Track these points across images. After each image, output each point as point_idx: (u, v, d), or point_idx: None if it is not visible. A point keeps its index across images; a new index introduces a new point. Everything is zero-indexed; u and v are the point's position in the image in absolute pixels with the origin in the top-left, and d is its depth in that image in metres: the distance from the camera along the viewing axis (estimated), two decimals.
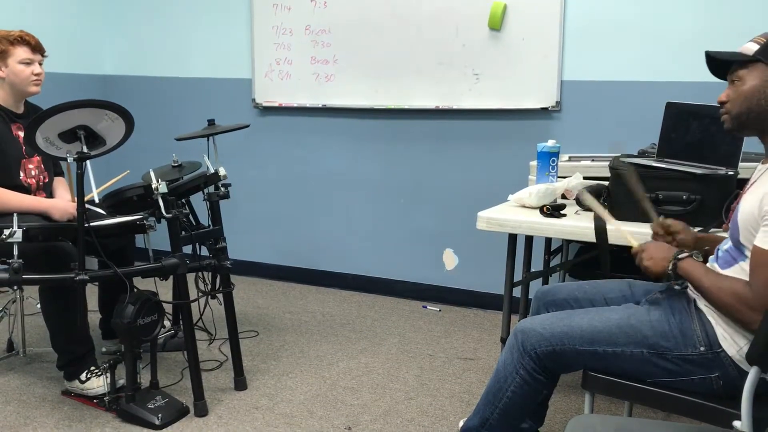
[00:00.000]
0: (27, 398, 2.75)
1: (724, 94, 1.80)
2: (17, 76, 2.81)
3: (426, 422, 2.61)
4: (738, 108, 1.76)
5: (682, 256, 1.81)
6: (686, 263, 1.79)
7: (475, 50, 3.69)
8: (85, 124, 2.35)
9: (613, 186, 2.47)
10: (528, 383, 1.94)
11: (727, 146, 2.40)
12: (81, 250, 2.38)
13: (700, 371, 1.77)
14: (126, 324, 2.46)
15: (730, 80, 1.80)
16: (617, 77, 3.48)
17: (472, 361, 3.20)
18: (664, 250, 1.86)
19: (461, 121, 3.84)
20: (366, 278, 4.22)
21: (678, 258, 1.81)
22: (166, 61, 4.57)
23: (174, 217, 2.53)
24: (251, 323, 3.65)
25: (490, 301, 3.86)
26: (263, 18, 4.17)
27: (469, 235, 3.78)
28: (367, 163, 4.11)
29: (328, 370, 3.07)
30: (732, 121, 1.80)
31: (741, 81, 1.76)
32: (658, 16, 3.37)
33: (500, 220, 2.52)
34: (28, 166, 2.88)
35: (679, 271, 1.80)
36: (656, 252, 1.86)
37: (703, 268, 1.80)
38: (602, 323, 1.87)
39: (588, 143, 3.48)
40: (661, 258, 1.84)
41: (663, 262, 1.83)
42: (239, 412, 2.66)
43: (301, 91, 4.15)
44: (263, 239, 4.47)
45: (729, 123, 1.81)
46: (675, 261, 1.80)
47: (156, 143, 4.18)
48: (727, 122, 1.81)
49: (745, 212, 1.72)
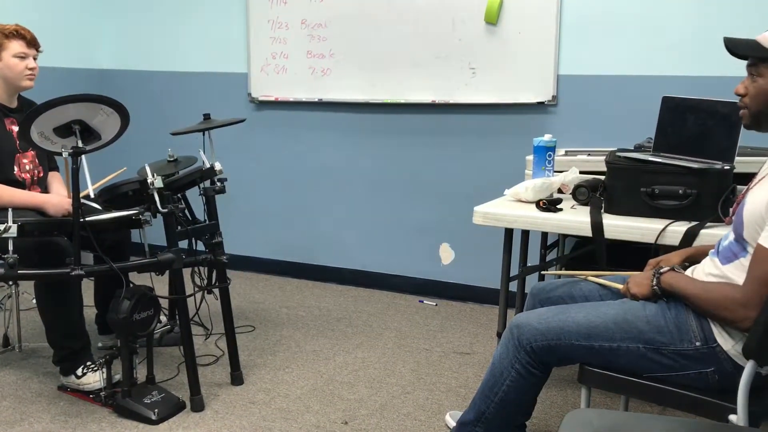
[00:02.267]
0: (23, 393, 2.74)
1: (741, 85, 1.77)
2: (11, 70, 2.79)
3: (422, 416, 2.62)
4: (757, 105, 1.74)
5: (663, 270, 1.87)
6: (668, 276, 1.85)
7: (471, 44, 3.68)
8: (81, 119, 2.34)
9: (609, 180, 2.47)
10: (524, 377, 1.95)
11: (724, 140, 2.40)
12: (76, 245, 2.37)
13: (696, 366, 1.77)
14: (122, 319, 2.46)
15: (748, 71, 1.77)
16: (614, 71, 3.48)
17: (468, 355, 3.21)
18: (645, 275, 1.93)
19: (457, 115, 3.84)
20: (362, 273, 4.22)
21: (659, 273, 1.87)
22: (162, 55, 4.56)
23: (170, 211, 2.52)
24: (248, 318, 3.65)
25: (487, 295, 3.86)
26: (259, 12, 4.16)
27: (465, 229, 3.79)
28: (363, 158, 4.11)
29: (325, 365, 3.07)
30: (750, 118, 1.78)
31: (761, 76, 1.73)
32: (654, 10, 3.36)
33: (497, 214, 2.52)
34: (23, 161, 2.87)
35: (663, 285, 1.85)
36: (640, 278, 1.93)
37: (686, 278, 1.84)
38: (598, 318, 1.87)
39: (584, 137, 3.48)
40: (644, 278, 1.91)
41: (646, 281, 1.90)
42: (236, 407, 2.66)
43: (297, 86, 4.14)
44: (259, 234, 4.46)
45: (747, 119, 1.79)
46: (657, 276, 1.86)
47: (152, 138, 4.17)
48: (745, 118, 1.79)
49: (751, 208, 1.71)
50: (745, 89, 1.76)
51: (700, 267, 1.92)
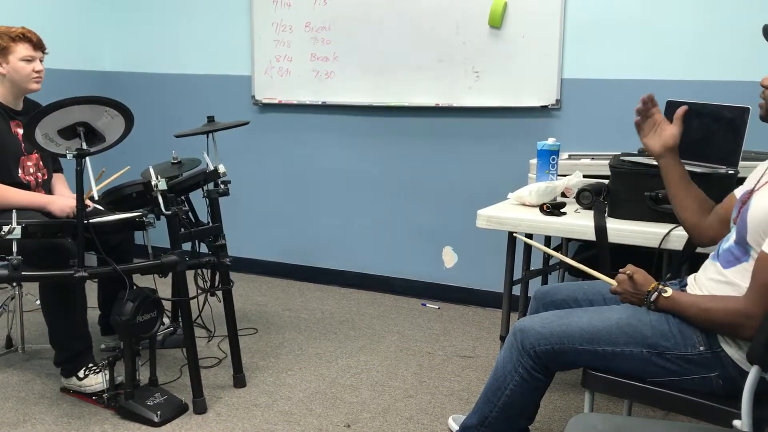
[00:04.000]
0: (26, 395, 2.74)
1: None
2: (18, 73, 2.80)
3: (425, 420, 2.61)
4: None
5: (653, 299, 1.83)
6: (662, 305, 1.82)
7: (475, 48, 3.69)
8: (85, 121, 2.34)
9: (612, 184, 2.46)
10: (527, 381, 1.94)
11: (728, 145, 2.39)
12: (80, 246, 2.38)
13: (700, 371, 1.76)
14: (125, 321, 2.46)
15: None
16: (618, 75, 3.48)
17: (471, 359, 3.21)
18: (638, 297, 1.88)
19: (461, 118, 3.84)
20: (365, 276, 4.22)
21: (651, 301, 1.84)
22: (166, 57, 4.57)
23: (173, 214, 2.53)
24: (250, 320, 3.65)
25: (490, 299, 3.86)
26: (263, 14, 4.17)
27: (468, 232, 3.79)
28: (366, 161, 4.11)
29: (327, 368, 3.07)
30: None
31: None
32: (658, 13, 3.36)
33: (500, 218, 2.51)
34: (27, 164, 2.87)
35: (660, 308, 1.83)
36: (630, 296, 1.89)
37: (681, 303, 1.80)
38: (602, 322, 1.87)
39: (588, 141, 3.48)
40: (637, 300, 1.88)
41: (637, 301, 1.88)
42: (238, 410, 2.66)
43: (300, 88, 4.15)
44: (263, 236, 4.46)
45: (764, 111, 1.79)
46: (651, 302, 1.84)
47: (155, 140, 4.17)
48: (762, 109, 1.79)
49: (756, 212, 1.71)
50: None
51: (701, 273, 1.91)
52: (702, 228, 2.02)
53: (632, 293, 1.88)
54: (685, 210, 2.03)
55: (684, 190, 2.03)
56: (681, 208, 2.04)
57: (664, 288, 1.84)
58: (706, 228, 2.01)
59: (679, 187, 2.03)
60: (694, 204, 2.02)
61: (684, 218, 2.04)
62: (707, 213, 2.02)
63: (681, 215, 2.05)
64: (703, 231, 2.02)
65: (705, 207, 2.03)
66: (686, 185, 2.03)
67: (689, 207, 2.02)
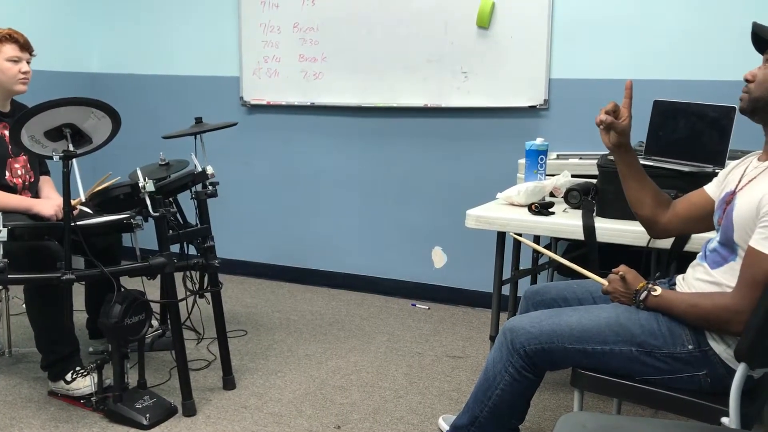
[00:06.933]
0: (13, 399, 2.72)
1: (751, 72, 1.77)
2: (4, 74, 2.78)
3: (415, 420, 2.61)
4: (760, 92, 1.74)
5: (642, 298, 1.85)
6: (652, 304, 1.84)
7: (463, 48, 3.69)
8: (72, 122, 2.33)
9: (601, 184, 2.47)
10: (517, 381, 1.95)
11: (714, 144, 2.41)
12: (67, 249, 2.36)
13: (689, 369, 1.77)
14: (113, 323, 2.44)
15: (765, 58, 1.76)
16: (605, 75, 3.49)
17: (461, 359, 3.21)
18: (627, 295, 1.90)
19: (450, 119, 3.85)
20: (355, 276, 4.21)
21: (640, 299, 1.85)
22: (154, 59, 4.55)
23: (161, 215, 2.51)
24: (239, 322, 3.64)
25: (479, 299, 3.87)
26: (251, 15, 4.16)
27: (457, 233, 3.80)
28: (355, 162, 4.11)
29: (317, 369, 3.06)
30: (749, 102, 1.77)
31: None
32: (645, 14, 3.38)
33: (489, 218, 2.52)
34: (14, 166, 2.85)
35: (649, 307, 1.85)
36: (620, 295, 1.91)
37: (670, 301, 1.82)
38: (591, 321, 1.87)
39: (576, 141, 3.49)
40: (627, 298, 1.90)
41: (627, 301, 1.89)
42: (228, 412, 2.65)
43: (289, 89, 4.14)
44: (251, 238, 4.45)
45: (745, 103, 1.78)
46: (640, 301, 1.85)
47: (143, 141, 4.15)
48: (744, 101, 1.78)
49: (741, 211, 1.71)
50: (753, 77, 1.76)
51: (689, 274, 1.92)
52: (658, 222, 2.03)
53: (623, 293, 1.89)
54: (639, 203, 2.03)
55: (638, 183, 2.02)
56: (635, 202, 2.04)
57: (653, 287, 1.85)
58: (664, 223, 2.02)
59: (632, 180, 2.02)
60: (647, 197, 2.02)
61: (638, 212, 2.05)
62: (663, 207, 2.03)
63: (635, 209, 2.05)
64: (660, 225, 2.03)
65: (660, 200, 2.03)
66: (640, 179, 2.02)
67: (643, 200, 2.02)
